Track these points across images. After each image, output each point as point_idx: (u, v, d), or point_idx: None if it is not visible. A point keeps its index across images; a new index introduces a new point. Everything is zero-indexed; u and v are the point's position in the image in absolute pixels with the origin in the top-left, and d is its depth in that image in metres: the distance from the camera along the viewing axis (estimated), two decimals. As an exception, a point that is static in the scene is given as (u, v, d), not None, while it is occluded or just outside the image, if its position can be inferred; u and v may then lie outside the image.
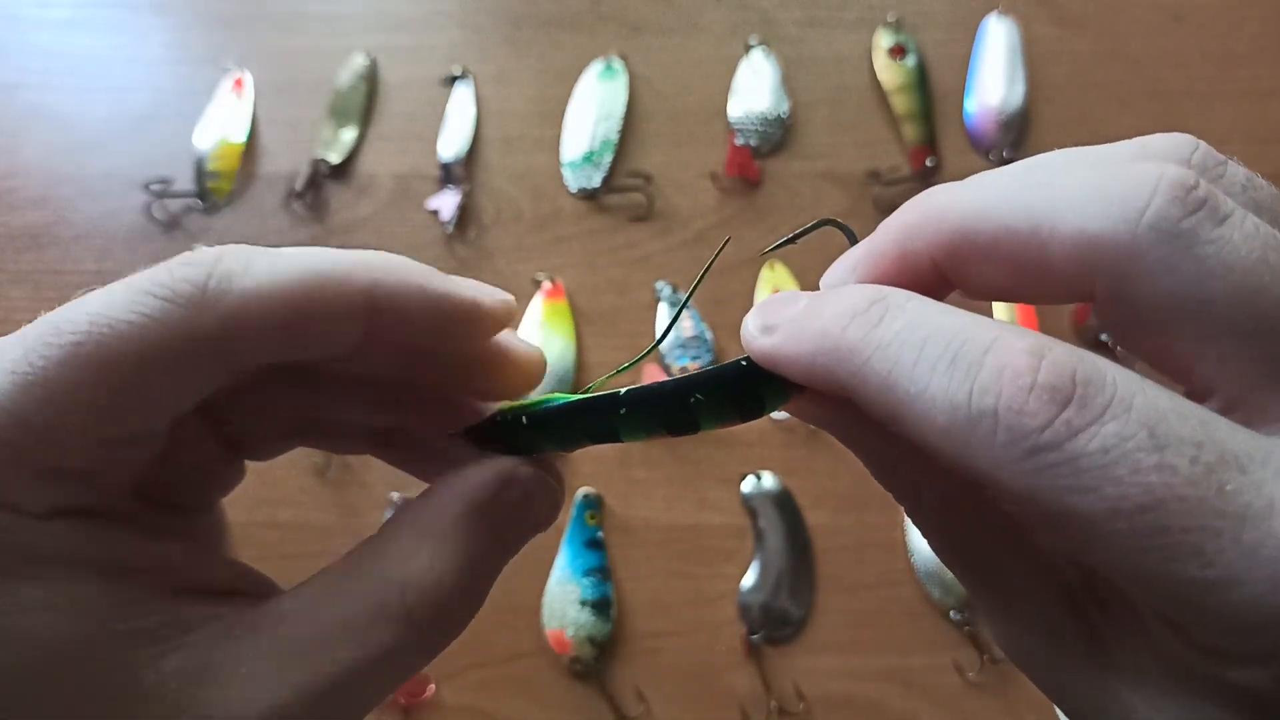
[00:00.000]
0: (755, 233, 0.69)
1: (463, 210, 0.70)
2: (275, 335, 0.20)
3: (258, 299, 0.19)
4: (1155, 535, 0.15)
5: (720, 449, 0.65)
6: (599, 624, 0.62)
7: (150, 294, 0.19)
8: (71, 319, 0.18)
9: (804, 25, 0.74)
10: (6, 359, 0.18)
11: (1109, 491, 0.15)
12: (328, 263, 0.20)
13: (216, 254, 0.19)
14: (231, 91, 0.73)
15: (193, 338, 0.19)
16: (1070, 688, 0.19)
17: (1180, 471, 0.15)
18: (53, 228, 0.71)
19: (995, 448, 0.16)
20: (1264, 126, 0.70)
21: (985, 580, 0.21)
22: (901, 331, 0.18)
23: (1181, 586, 0.15)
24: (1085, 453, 0.15)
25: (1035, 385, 0.16)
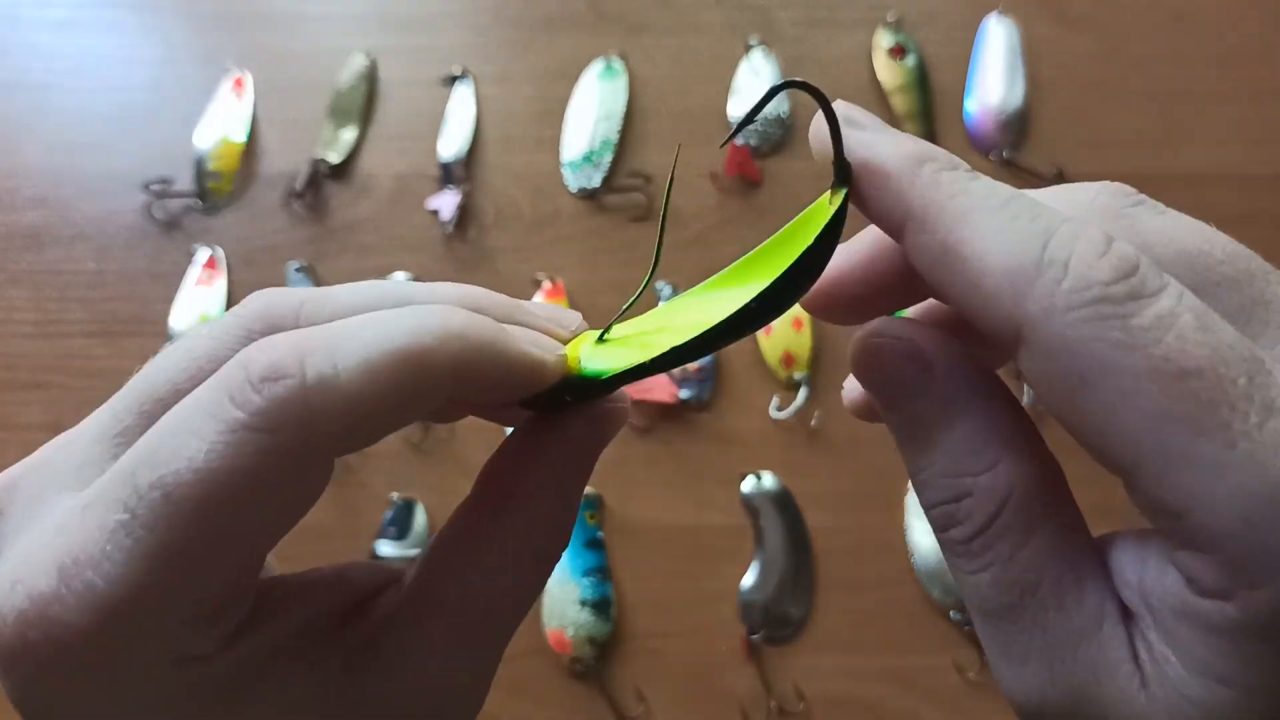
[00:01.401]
0: (755, 233, 0.69)
1: (463, 210, 0.70)
2: (381, 424, 0.19)
3: (356, 402, 0.18)
4: (1188, 402, 0.16)
5: (720, 449, 0.65)
6: (599, 624, 0.62)
7: (251, 429, 0.17)
8: (176, 472, 0.17)
9: (804, 25, 0.74)
10: (124, 534, 0.17)
11: (1155, 351, 0.16)
12: (404, 343, 0.18)
13: (300, 357, 0.18)
14: (231, 91, 0.73)
15: (305, 457, 0.18)
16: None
17: (1221, 352, 0.16)
18: (53, 228, 0.71)
19: (1057, 294, 0.17)
20: (1264, 126, 0.70)
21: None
22: (987, 185, 0.19)
23: (1199, 468, 0.16)
24: (1140, 313, 0.16)
25: (1106, 254, 0.17)
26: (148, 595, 0.17)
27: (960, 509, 0.19)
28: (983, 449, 0.19)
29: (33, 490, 0.20)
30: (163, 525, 0.17)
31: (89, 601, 0.17)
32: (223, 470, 0.17)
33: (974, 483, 0.19)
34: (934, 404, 0.19)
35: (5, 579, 0.18)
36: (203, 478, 0.17)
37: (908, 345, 0.20)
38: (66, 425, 0.22)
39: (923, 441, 0.20)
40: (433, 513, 0.65)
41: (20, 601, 0.18)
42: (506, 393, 0.21)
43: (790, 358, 0.66)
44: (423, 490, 0.65)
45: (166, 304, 0.69)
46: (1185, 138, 0.70)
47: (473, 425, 0.70)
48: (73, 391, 0.67)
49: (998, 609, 0.19)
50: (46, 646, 0.17)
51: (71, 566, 0.17)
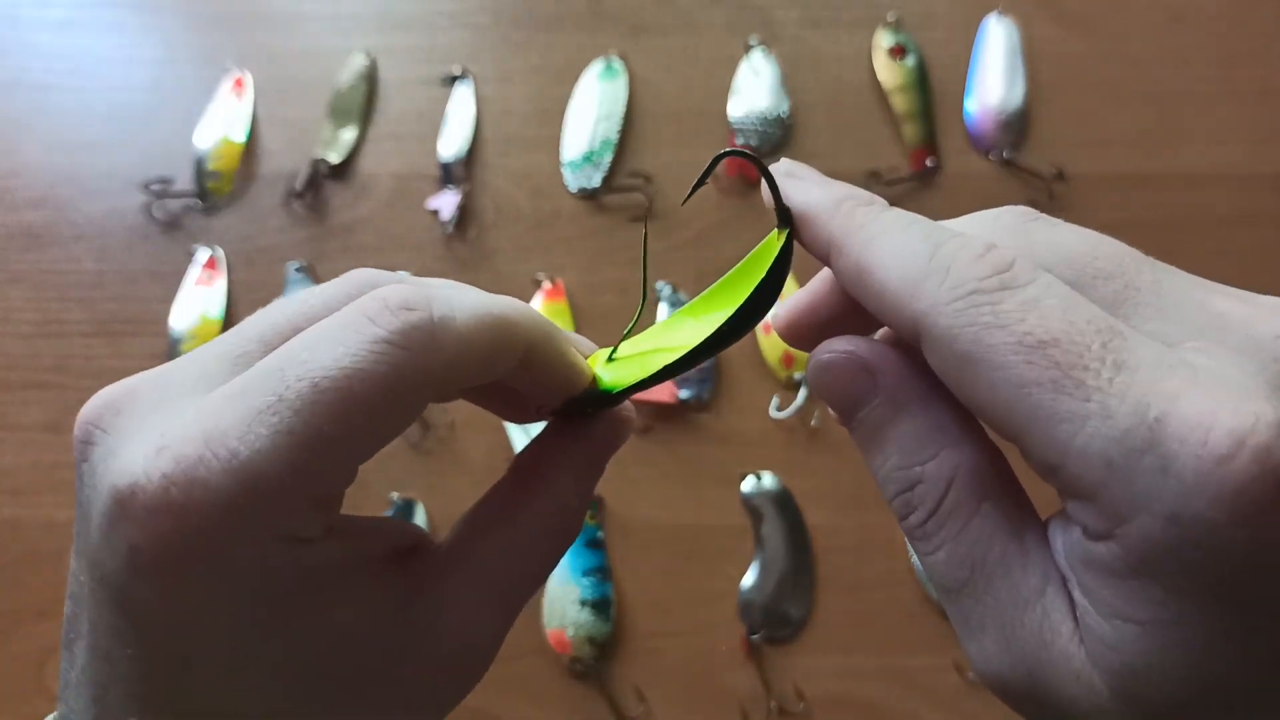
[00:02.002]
0: (755, 233, 0.69)
1: (463, 210, 0.70)
2: (474, 371, 0.23)
3: (466, 343, 0.22)
4: (1049, 368, 0.18)
5: (720, 449, 0.65)
6: (599, 624, 0.62)
7: (389, 343, 0.20)
8: (324, 368, 0.20)
9: (804, 25, 0.74)
10: (271, 414, 0.20)
11: (1018, 328, 0.18)
12: (500, 310, 0.23)
13: (427, 297, 0.21)
14: (231, 91, 0.73)
15: (426, 379, 0.21)
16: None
17: (1077, 324, 0.18)
18: (53, 227, 0.71)
19: (939, 292, 0.20)
20: (1264, 126, 0.70)
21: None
22: (893, 214, 0.22)
23: (1063, 423, 0.18)
24: (1008, 299, 0.19)
25: (984, 257, 0.20)
26: (284, 469, 0.20)
27: (914, 496, 0.22)
28: (928, 441, 0.22)
29: (154, 395, 0.22)
30: (307, 410, 0.20)
31: (232, 467, 0.19)
32: (363, 373, 0.20)
33: (922, 471, 0.21)
34: (882, 407, 0.22)
35: (150, 447, 0.20)
36: (347, 374, 0.20)
37: (853, 358, 0.23)
38: (67, 425, 0.22)
39: (878, 442, 0.22)
40: (433, 512, 0.65)
41: (166, 464, 0.20)
42: (549, 385, 0.25)
43: (790, 358, 0.66)
44: (423, 490, 0.65)
45: (166, 304, 0.69)
46: (1185, 138, 0.70)
47: (472, 426, 0.70)
48: (73, 391, 0.67)
49: (955, 584, 0.21)
50: (188, 504, 0.19)
51: (218, 436, 0.20)
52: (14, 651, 0.64)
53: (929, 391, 0.22)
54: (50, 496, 0.66)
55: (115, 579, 0.20)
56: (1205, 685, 0.18)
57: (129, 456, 0.20)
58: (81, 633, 0.22)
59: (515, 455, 0.27)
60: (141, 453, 0.20)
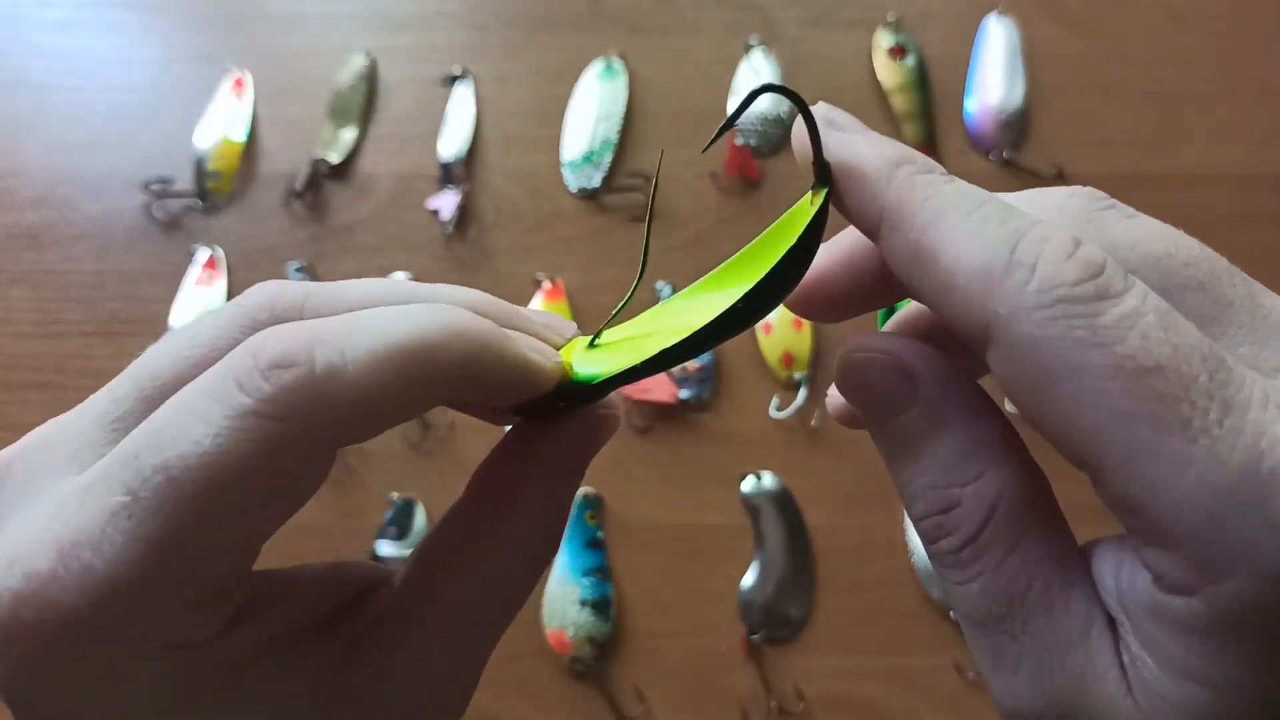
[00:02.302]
0: (755, 233, 0.69)
1: (463, 210, 0.70)
2: (385, 415, 0.19)
3: (363, 393, 0.18)
4: (1150, 398, 0.16)
5: (720, 449, 0.65)
6: (599, 624, 0.62)
7: (258, 415, 0.17)
8: (182, 455, 0.17)
9: (804, 25, 0.74)
10: (125, 517, 0.17)
11: (1118, 350, 0.16)
12: (415, 338, 0.19)
13: (308, 346, 0.18)
14: (231, 91, 0.73)
15: (311, 446, 0.18)
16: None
17: (1181, 350, 0.16)
18: (53, 227, 0.71)
19: (1023, 294, 0.17)
20: (1264, 126, 0.70)
21: None
22: (960, 188, 0.19)
23: (1161, 465, 0.16)
24: (1105, 312, 0.16)
25: (1073, 256, 0.17)
26: (147, 578, 0.17)
27: (949, 520, 0.19)
28: (969, 460, 0.19)
29: (27, 472, 0.20)
30: (165, 508, 0.17)
31: (86, 583, 0.17)
32: (229, 456, 0.17)
33: (961, 493, 0.19)
34: (920, 417, 0.20)
35: (3, 555, 0.18)
36: (208, 462, 0.17)
37: (892, 360, 0.20)
38: None
39: (910, 454, 0.20)
40: (433, 513, 0.65)
41: (15, 581, 0.17)
42: (504, 394, 0.21)
43: (790, 357, 0.66)
44: (423, 490, 0.65)
45: (166, 304, 0.69)
46: (1185, 138, 0.70)
47: (472, 425, 0.70)
48: (73, 391, 0.67)
49: (987, 618, 0.19)
50: (41, 627, 0.17)
51: (70, 547, 0.17)
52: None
53: (974, 402, 0.20)
54: (50, 496, 0.66)
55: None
56: None
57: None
58: None
59: (476, 471, 0.24)
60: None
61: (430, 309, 0.20)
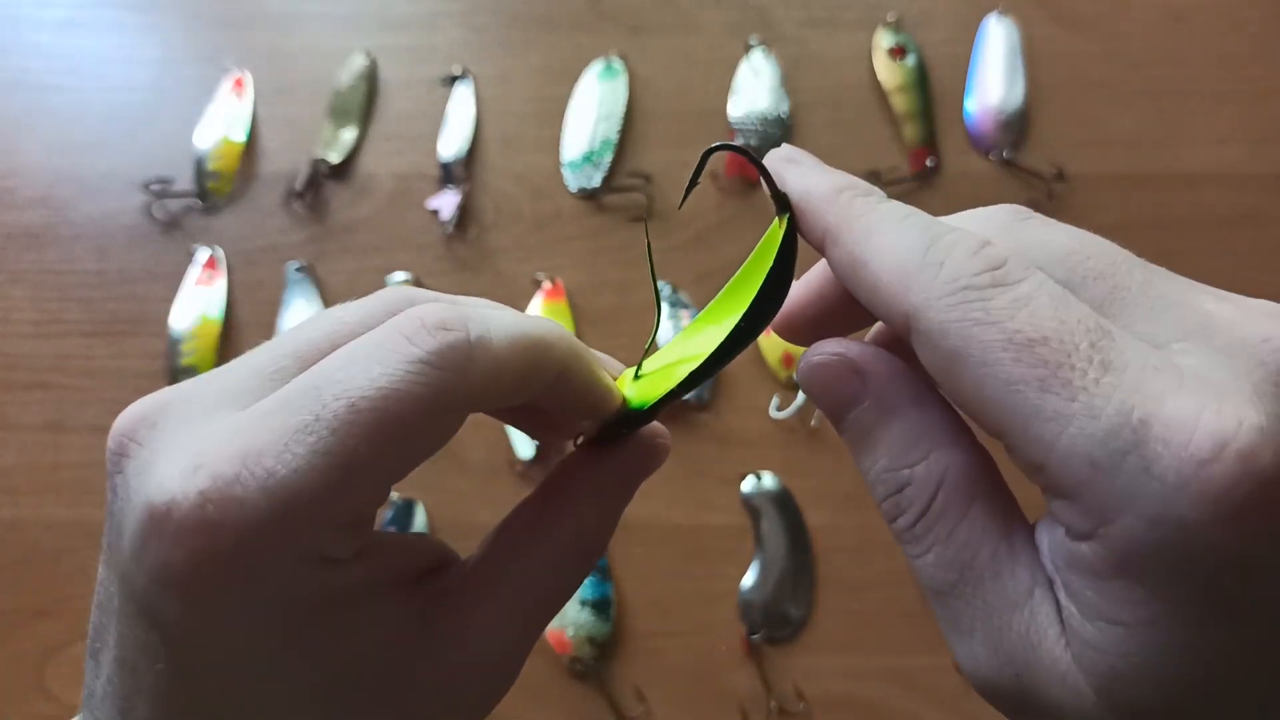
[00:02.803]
0: (755, 233, 0.69)
1: (463, 210, 0.70)
2: (509, 392, 0.23)
3: (502, 364, 0.22)
4: (1036, 365, 0.18)
5: (720, 449, 0.65)
6: (599, 624, 0.62)
7: (426, 363, 0.21)
8: (361, 388, 0.20)
9: (804, 25, 0.74)
10: (308, 434, 0.20)
11: (1009, 325, 0.18)
12: (536, 331, 0.23)
13: (463, 317, 0.22)
14: (231, 91, 0.73)
15: (461, 400, 0.21)
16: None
17: (1067, 323, 0.18)
18: (53, 227, 0.71)
19: (933, 286, 0.20)
20: (1264, 126, 0.70)
21: None
22: (890, 206, 0.22)
23: (1048, 421, 0.18)
24: (999, 296, 0.19)
25: (978, 253, 0.20)
26: (320, 489, 0.20)
27: (903, 498, 0.22)
28: (917, 443, 0.21)
29: (189, 409, 0.22)
30: (343, 431, 0.20)
31: (268, 487, 0.19)
32: (400, 393, 0.20)
33: (911, 473, 0.21)
34: (871, 409, 0.22)
35: (187, 463, 0.20)
36: (384, 395, 0.20)
37: (843, 359, 0.23)
38: (67, 425, 0.22)
39: (867, 444, 0.22)
40: (432, 512, 0.65)
41: (202, 482, 0.19)
42: (580, 406, 0.25)
43: (790, 358, 0.66)
44: (423, 490, 0.65)
45: (166, 304, 0.69)
46: (1185, 138, 0.70)
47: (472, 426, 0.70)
48: (73, 391, 0.67)
49: (944, 586, 0.21)
50: (224, 522, 0.19)
51: (255, 456, 0.20)
52: (14, 651, 0.64)
53: (919, 393, 0.22)
54: (50, 496, 0.66)
55: (146, 594, 0.20)
56: (1189, 688, 0.18)
57: (164, 472, 0.20)
58: (108, 644, 0.22)
59: (545, 476, 0.27)
60: (178, 469, 0.20)
61: (543, 319, 0.24)
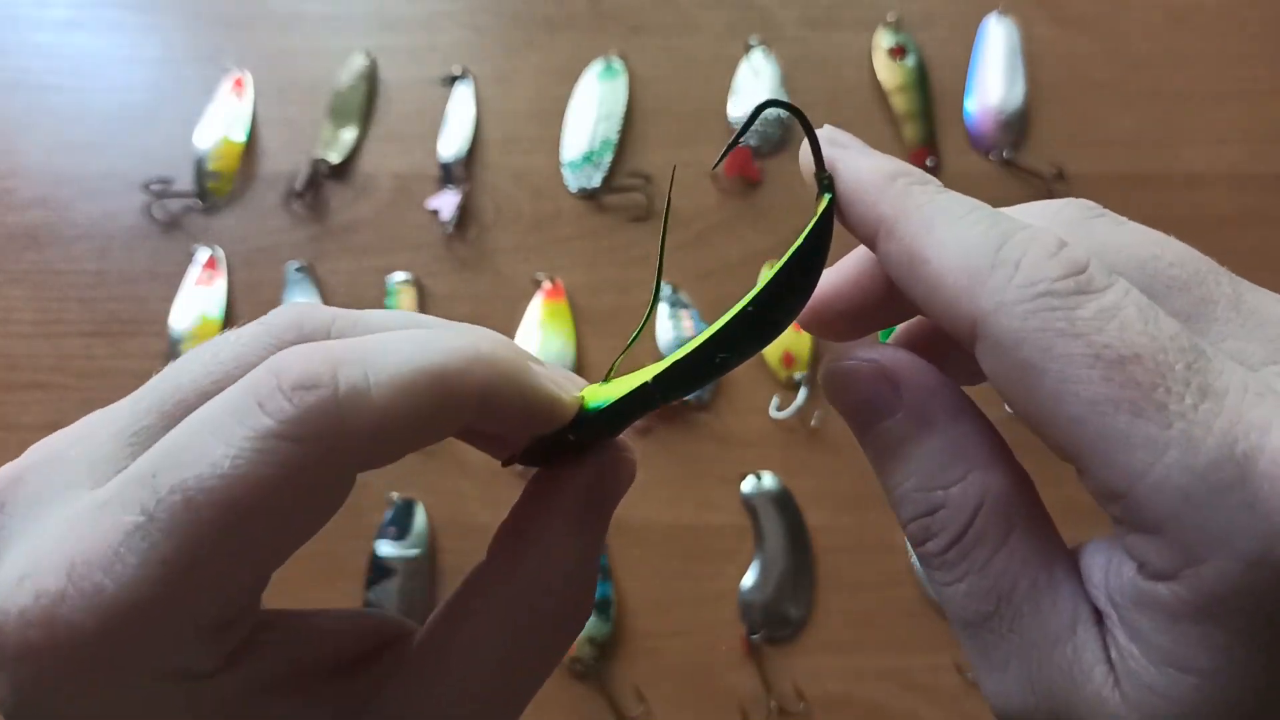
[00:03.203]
0: (755, 233, 0.69)
1: (463, 210, 0.70)
2: (405, 440, 0.19)
3: (386, 416, 0.18)
4: (1128, 385, 0.16)
5: (720, 449, 0.65)
6: (599, 624, 0.62)
7: (279, 436, 0.17)
8: (200, 476, 0.17)
9: (804, 25, 0.74)
10: (140, 538, 0.17)
11: (1096, 339, 0.17)
12: (439, 362, 0.19)
13: (333, 367, 0.18)
14: (231, 91, 0.73)
15: (334, 469, 0.18)
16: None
17: (1159, 340, 0.17)
18: (53, 228, 0.71)
19: (1007, 289, 0.18)
20: (1264, 126, 0.70)
21: None
22: (952, 197, 0.20)
23: (1139, 449, 0.16)
24: (1085, 306, 0.17)
25: (1057, 255, 0.18)
26: (157, 602, 0.17)
27: (935, 521, 0.20)
28: (953, 463, 0.20)
29: (41, 484, 0.19)
30: (180, 531, 0.17)
31: (96, 604, 0.17)
32: (248, 478, 0.17)
33: (946, 495, 0.20)
34: (904, 421, 0.20)
35: (12, 575, 0.18)
36: (227, 484, 0.17)
37: (876, 367, 0.21)
38: (66, 425, 0.22)
39: (896, 459, 0.20)
40: (433, 513, 0.65)
41: (25, 599, 0.17)
42: (524, 424, 0.21)
43: (790, 357, 0.66)
44: (423, 490, 0.65)
45: (166, 304, 0.69)
46: (1185, 138, 0.70)
47: (473, 425, 0.68)
48: (73, 391, 0.67)
49: (976, 617, 0.19)
50: (49, 647, 0.17)
51: (82, 566, 0.17)
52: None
53: (957, 407, 0.20)
54: (50, 496, 0.66)
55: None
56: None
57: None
58: None
59: (498, 528, 0.23)
60: (6, 577, 0.18)
61: (458, 334, 0.20)
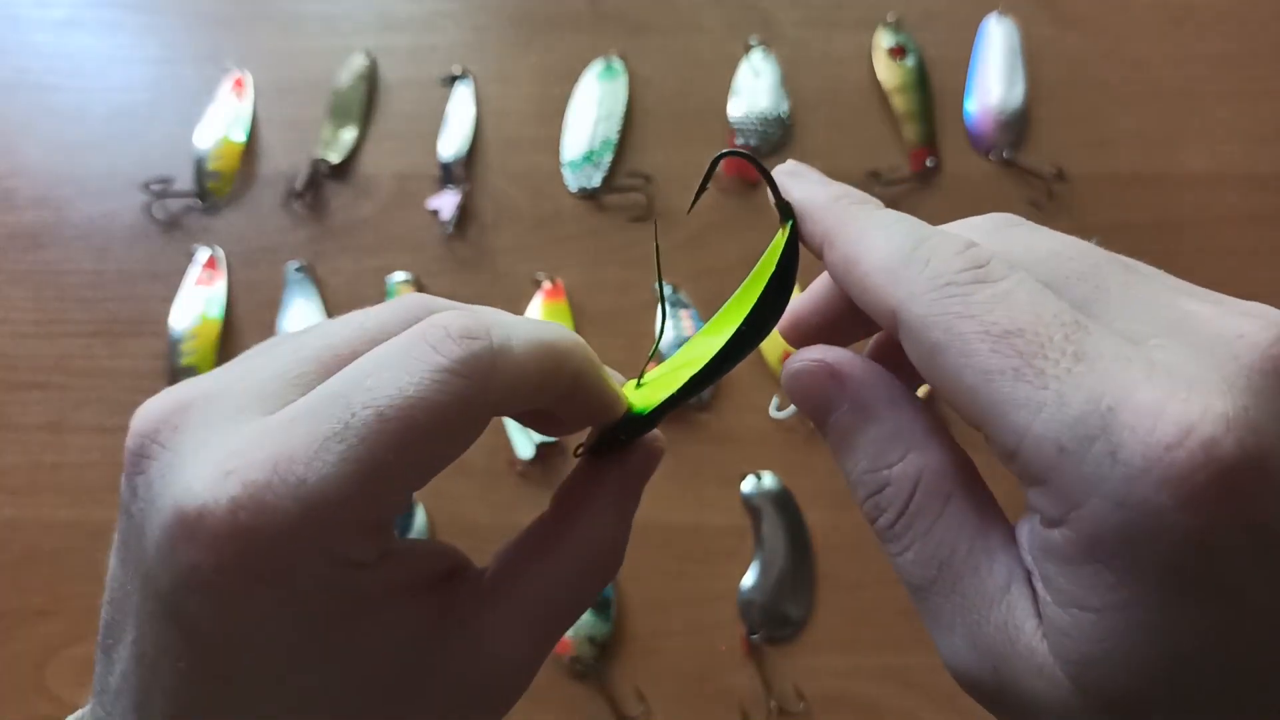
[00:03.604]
0: (755, 233, 0.69)
1: (463, 210, 0.70)
2: (527, 397, 0.23)
3: (523, 372, 0.22)
4: (1011, 355, 0.19)
5: (720, 449, 0.65)
6: (599, 624, 0.62)
7: (451, 371, 0.21)
8: (389, 396, 0.20)
9: (804, 25, 0.74)
10: (338, 441, 0.20)
11: (987, 318, 0.19)
12: (552, 338, 0.24)
13: (486, 325, 0.22)
14: (231, 91, 0.73)
15: (485, 407, 0.22)
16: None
17: (1043, 316, 0.19)
18: (53, 227, 0.71)
19: (918, 281, 0.21)
20: (1264, 126, 0.70)
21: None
22: (883, 212, 0.24)
23: (1021, 409, 0.18)
24: (980, 292, 0.20)
25: (962, 253, 0.21)
26: (347, 497, 0.20)
27: (882, 498, 0.22)
28: (894, 445, 0.22)
29: (211, 410, 0.22)
30: (371, 439, 0.20)
31: (299, 494, 0.20)
32: (427, 401, 0.21)
33: (889, 474, 0.22)
34: (849, 412, 0.23)
35: (218, 469, 0.20)
36: (412, 403, 0.21)
37: (823, 365, 0.24)
38: (67, 425, 0.22)
39: (847, 446, 0.23)
40: (433, 513, 0.65)
41: (234, 488, 0.20)
42: (590, 411, 0.26)
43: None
44: (423, 490, 0.65)
45: (166, 304, 0.69)
46: (1185, 138, 0.70)
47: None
48: (73, 391, 0.67)
49: (923, 583, 0.22)
50: (256, 529, 0.20)
51: (285, 463, 0.20)
52: (14, 651, 0.64)
53: (895, 396, 0.23)
54: (50, 496, 0.66)
55: (172, 594, 0.20)
56: (1158, 672, 0.18)
57: (193, 476, 0.20)
58: (124, 640, 0.22)
59: (556, 491, 0.28)
60: (208, 473, 0.20)
61: (558, 327, 0.25)
